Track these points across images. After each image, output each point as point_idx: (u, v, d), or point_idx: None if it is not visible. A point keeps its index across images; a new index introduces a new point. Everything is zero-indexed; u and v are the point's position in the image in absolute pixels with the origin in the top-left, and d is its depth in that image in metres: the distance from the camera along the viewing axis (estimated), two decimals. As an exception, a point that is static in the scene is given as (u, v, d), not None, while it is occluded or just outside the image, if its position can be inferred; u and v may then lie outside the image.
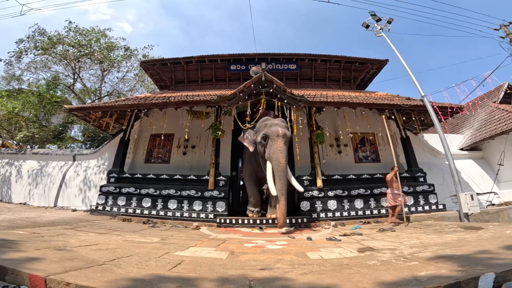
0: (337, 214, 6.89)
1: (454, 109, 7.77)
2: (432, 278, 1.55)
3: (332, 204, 7.00)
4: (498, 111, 10.06)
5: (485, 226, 4.29)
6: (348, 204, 7.06)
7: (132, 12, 51.81)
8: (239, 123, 7.01)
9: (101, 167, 9.21)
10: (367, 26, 9.56)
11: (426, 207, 7.10)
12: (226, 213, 6.89)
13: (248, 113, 6.95)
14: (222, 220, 6.41)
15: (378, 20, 9.39)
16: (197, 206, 7.04)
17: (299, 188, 5.83)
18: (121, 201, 7.30)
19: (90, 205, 7.80)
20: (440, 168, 8.39)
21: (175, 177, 7.69)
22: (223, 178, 7.40)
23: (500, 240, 2.75)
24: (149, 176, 7.80)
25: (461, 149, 10.16)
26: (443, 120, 7.65)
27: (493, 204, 8.42)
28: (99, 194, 7.54)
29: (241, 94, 7.22)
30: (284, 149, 5.51)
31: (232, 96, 7.28)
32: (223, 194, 7.12)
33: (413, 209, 7.06)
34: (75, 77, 16.14)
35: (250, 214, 6.48)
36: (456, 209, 6.35)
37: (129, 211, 7.10)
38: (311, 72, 11.53)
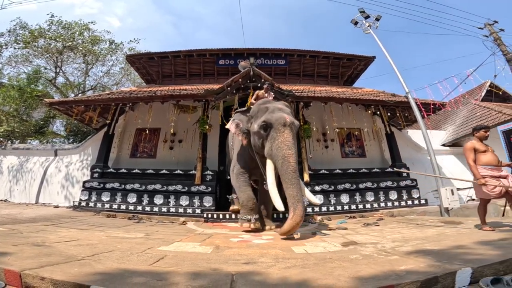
0: (324, 208, 6.96)
1: (437, 106, 7.96)
2: (410, 273, 1.58)
3: (318, 199, 7.07)
4: (479, 109, 10.39)
5: (464, 221, 4.43)
6: (334, 198, 7.15)
7: (120, 6, 50.37)
8: (225, 121, 6.85)
9: (84, 163, 8.97)
10: (356, 23, 9.64)
11: (409, 202, 7.28)
12: (214, 208, 6.85)
13: (234, 107, 6.77)
14: (209, 215, 6.37)
15: (367, 17, 9.48)
16: (184, 201, 6.97)
17: (315, 200, 4.45)
18: (105, 197, 7.14)
19: (73, 201, 7.61)
20: (422, 164, 8.61)
21: (161, 172, 7.58)
22: (211, 173, 7.35)
23: (479, 235, 2.83)
24: (134, 171, 7.66)
25: (443, 145, 10.45)
26: (425, 116, 7.84)
27: (474, 199, 8.71)
28: (82, 190, 7.35)
29: (229, 89, 7.16)
30: (294, 144, 4.01)
31: (219, 90, 7.22)
32: (210, 189, 7.07)
33: (396, 203, 7.24)
34: (57, 70, 15.70)
35: (245, 225, 4.50)
36: (438, 204, 6.54)
37: (113, 207, 6.96)
38: (299, 68, 11.56)
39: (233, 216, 6.20)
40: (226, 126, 5.31)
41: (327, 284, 1.49)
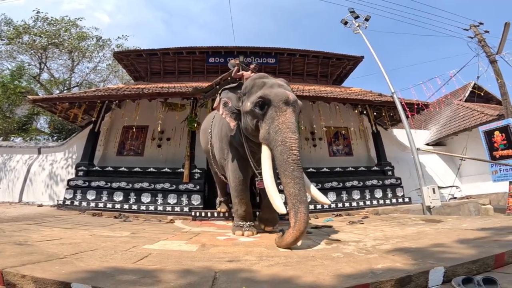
0: (311, 206, 7.04)
1: (420, 106, 8.17)
2: (386, 271, 1.61)
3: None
4: (462, 109, 10.70)
5: (444, 219, 4.54)
6: (322, 197, 7.24)
7: (110, 1, 49.18)
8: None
9: (69, 161, 8.83)
10: (346, 23, 9.70)
11: (394, 200, 7.48)
12: (202, 206, 6.86)
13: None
14: (197, 213, 6.38)
15: (357, 17, 9.55)
16: (172, 199, 6.95)
17: (324, 199, 3.43)
18: (91, 195, 7.04)
19: (57, 200, 7.47)
20: (407, 162, 8.83)
21: (149, 170, 7.53)
22: (199, 171, 7.35)
23: (456, 234, 2.88)
24: (121, 169, 7.57)
25: (427, 144, 10.74)
26: (409, 116, 8.03)
27: (455, 198, 8.99)
28: (67, 188, 7.23)
29: (217, 87, 7.15)
30: (296, 126, 3.15)
31: (208, 89, 7.20)
32: (198, 187, 7.07)
33: (381, 201, 7.40)
34: (42, 67, 15.40)
35: (237, 232, 3.86)
36: (420, 202, 6.72)
37: (99, 206, 6.87)
38: (289, 67, 11.63)
39: (221, 214, 6.22)
40: (214, 107, 4.20)
41: (306, 282, 1.53)
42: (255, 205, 5.24)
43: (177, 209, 6.80)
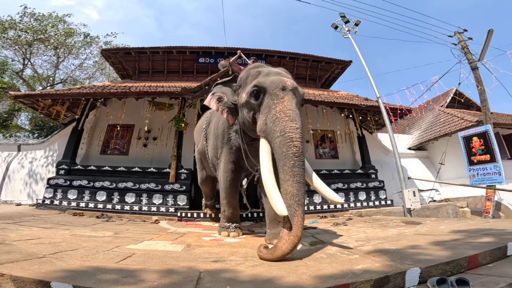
0: (296, 208, 7.10)
1: (404, 111, 8.40)
2: (366, 272, 1.66)
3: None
4: (443, 115, 11.07)
5: (423, 221, 4.68)
6: (308, 198, 7.34)
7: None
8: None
9: (50, 159, 8.56)
10: (336, 27, 9.85)
11: (376, 202, 7.65)
12: (188, 206, 6.80)
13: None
14: (183, 214, 6.32)
15: (347, 22, 9.72)
16: (157, 199, 6.86)
17: (337, 198, 2.85)
18: (72, 195, 6.85)
19: (37, 199, 7.22)
20: (389, 166, 9.07)
21: (134, 169, 7.41)
22: (185, 171, 7.29)
23: (433, 236, 2.97)
24: (104, 168, 7.42)
25: (409, 149, 11.07)
26: (393, 120, 8.23)
27: (435, 201, 9.29)
28: (47, 187, 6.99)
29: (206, 87, 7.12)
30: (297, 114, 2.68)
31: (197, 89, 7.16)
32: (184, 188, 7.01)
33: (365, 204, 7.57)
34: (25, 62, 14.94)
35: (223, 233, 3.81)
36: (402, 205, 6.91)
37: (81, 205, 6.69)
38: (279, 69, 11.70)
39: (207, 215, 6.19)
40: (205, 102, 3.65)
41: (289, 282, 1.56)
42: (242, 206, 5.26)
43: (163, 209, 6.71)
